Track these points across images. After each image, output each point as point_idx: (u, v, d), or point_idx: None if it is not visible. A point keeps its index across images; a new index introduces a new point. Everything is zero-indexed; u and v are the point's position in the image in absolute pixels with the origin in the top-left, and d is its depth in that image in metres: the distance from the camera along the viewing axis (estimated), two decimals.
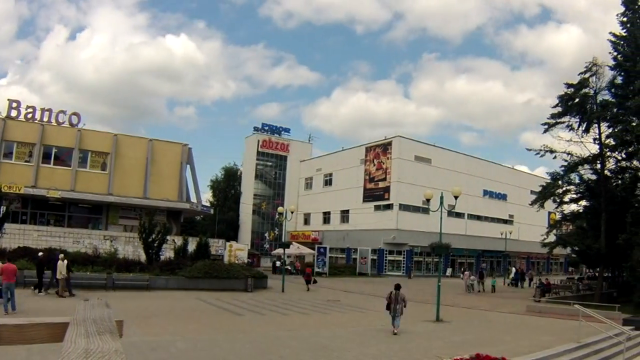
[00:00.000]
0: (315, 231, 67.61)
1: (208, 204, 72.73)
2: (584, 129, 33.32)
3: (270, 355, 12.66)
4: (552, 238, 37.43)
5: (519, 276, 48.98)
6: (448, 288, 34.20)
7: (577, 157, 33.81)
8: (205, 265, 30.26)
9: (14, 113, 41.65)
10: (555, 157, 34.38)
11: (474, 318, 22.73)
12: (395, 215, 56.57)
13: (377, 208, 59.44)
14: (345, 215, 64.53)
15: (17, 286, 18.90)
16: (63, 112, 43.44)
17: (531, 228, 61.56)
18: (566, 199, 36.53)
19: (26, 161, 41.32)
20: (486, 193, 66.76)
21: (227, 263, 37.32)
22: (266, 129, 75.05)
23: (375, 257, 56.59)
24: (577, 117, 33.48)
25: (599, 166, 33.52)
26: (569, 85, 33.74)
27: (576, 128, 33.51)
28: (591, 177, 34.90)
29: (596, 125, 33.07)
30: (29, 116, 41.96)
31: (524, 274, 50.97)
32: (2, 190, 30.47)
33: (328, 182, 68.77)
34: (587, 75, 32.84)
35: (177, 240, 36.30)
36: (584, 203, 37.11)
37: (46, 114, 42.48)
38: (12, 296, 17.21)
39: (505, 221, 67.35)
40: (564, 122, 33.89)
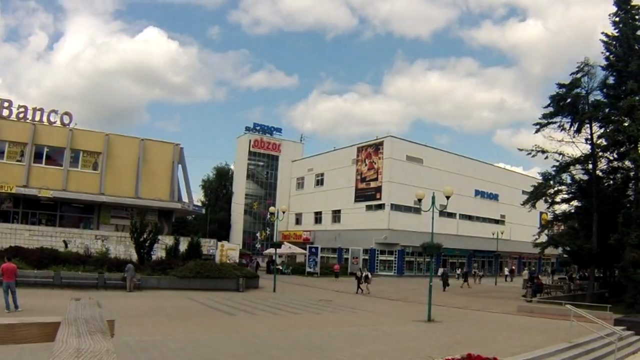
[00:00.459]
0: (306, 231, 67.57)
1: (200, 203, 72.41)
2: (575, 129, 33.44)
3: (262, 355, 12.62)
4: (543, 238, 37.46)
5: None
6: (438, 288, 34.17)
7: (568, 157, 33.94)
8: (196, 265, 30.18)
9: (5, 112, 41.27)
10: (547, 157, 34.46)
11: (465, 318, 22.77)
12: (387, 215, 56.63)
13: (369, 208, 59.46)
14: (336, 215, 64.52)
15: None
16: (55, 111, 43.08)
17: (523, 228, 61.64)
18: (558, 199, 36.55)
19: (18, 161, 40.94)
20: (478, 193, 66.96)
21: (219, 263, 37.26)
22: (258, 128, 75.00)
23: (367, 257, 56.64)
24: (569, 117, 33.62)
25: (590, 166, 33.64)
26: (560, 86, 33.87)
27: (568, 128, 33.65)
28: (583, 177, 34.97)
29: (588, 126, 33.19)
30: (21, 115, 41.58)
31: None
32: None
33: (320, 182, 68.78)
34: (579, 76, 32.99)
35: (169, 240, 36.20)
36: (575, 203, 37.13)
37: (38, 113, 42.10)
38: (13, 295, 17.51)
39: (496, 221, 67.52)
40: (555, 122, 34.00)
